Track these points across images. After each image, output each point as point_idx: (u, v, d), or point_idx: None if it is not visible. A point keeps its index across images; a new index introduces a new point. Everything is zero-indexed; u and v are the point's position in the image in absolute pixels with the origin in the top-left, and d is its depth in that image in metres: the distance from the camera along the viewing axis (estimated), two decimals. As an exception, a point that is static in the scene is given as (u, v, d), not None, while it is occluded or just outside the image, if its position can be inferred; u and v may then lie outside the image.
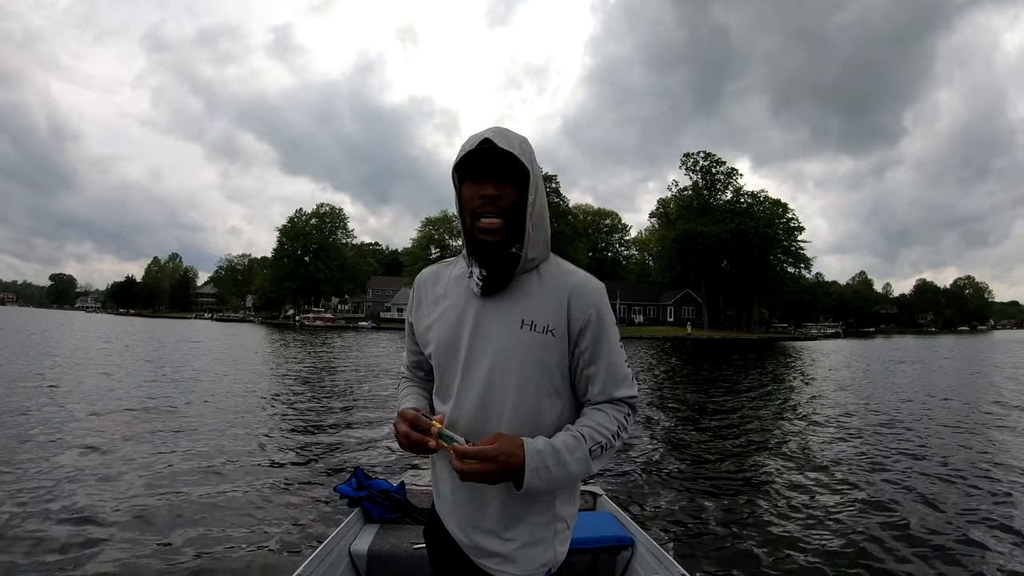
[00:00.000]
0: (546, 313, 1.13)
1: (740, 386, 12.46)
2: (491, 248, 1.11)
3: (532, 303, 1.14)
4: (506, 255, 1.12)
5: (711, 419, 8.09)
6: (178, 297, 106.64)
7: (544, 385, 1.13)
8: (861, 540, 3.64)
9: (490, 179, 1.10)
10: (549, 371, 1.13)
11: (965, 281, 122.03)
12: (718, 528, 3.82)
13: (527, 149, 1.12)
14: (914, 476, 5.21)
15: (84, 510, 3.76)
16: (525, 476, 1.04)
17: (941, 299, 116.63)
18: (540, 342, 1.12)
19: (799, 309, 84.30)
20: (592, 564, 2.22)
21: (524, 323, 1.12)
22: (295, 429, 6.60)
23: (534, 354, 1.12)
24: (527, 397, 1.12)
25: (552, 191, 59.29)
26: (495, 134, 1.10)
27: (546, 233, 1.17)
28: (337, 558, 2.14)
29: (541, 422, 1.13)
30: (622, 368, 1.16)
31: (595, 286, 1.16)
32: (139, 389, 9.23)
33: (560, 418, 1.15)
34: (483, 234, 1.10)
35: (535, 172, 1.12)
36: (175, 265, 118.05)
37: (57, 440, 5.56)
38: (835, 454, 6.03)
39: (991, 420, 8.34)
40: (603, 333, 1.14)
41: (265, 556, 3.14)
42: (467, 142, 1.12)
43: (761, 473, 5.27)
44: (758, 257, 57.36)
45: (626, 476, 4.96)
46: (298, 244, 71.40)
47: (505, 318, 1.13)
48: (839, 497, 4.53)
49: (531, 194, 1.11)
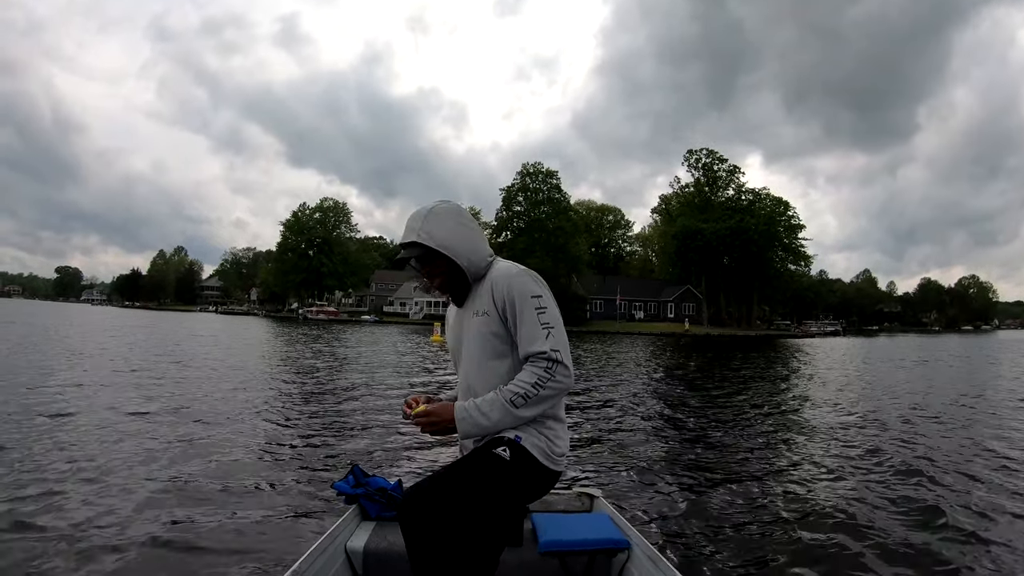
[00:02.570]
0: (483, 302, 1.61)
1: (738, 385, 12.45)
2: (453, 292, 1.71)
3: (480, 299, 1.63)
4: (457, 286, 1.67)
5: (710, 420, 8.11)
6: (183, 290, 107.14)
7: (489, 351, 1.61)
8: (863, 544, 3.58)
9: (418, 267, 1.68)
10: (491, 341, 1.60)
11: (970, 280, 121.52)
12: (715, 531, 3.79)
13: (429, 221, 1.60)
14: (921, 478, 5.05)
15: (71, 501, 3.75)
16: (456, 424, 1.55)
17: (945, 298, 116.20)
18: (482, 322, 1.61)
19: (802, 306, 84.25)
20: (588, 566, 2.20)
21: (476, 313, 1.63)
22: (291, 425, 6.56)
23: (481, 331, 1.61)
24: (483, 361, 1.62)
25: (553, 187, 59.22)
26: (407, 229, 1.62)
27: (476, 249, 1.64)
28: (333, 555, 2.15)
29: (494, 378, 1.60)
30: (535, 330, 1.53)
31: (510, 273, 1.59)
32: (136, 381, 9.33)
33: (509, 373, 1.59)
34: (439, 292, 1.71)
35: (440, 232, 1.59)
36: (180, 258, 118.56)
37: (52, 429, 5.63)
38: (836, 455, 5.94)
39: (985, 416, 8.36)
40: (516, 308, 1.55)
41: (260, 552, 3.13)
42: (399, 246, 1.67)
43: (760, 475, 5.21)
44: (758, 254, 57.38)
45: (623, 478, 4.92)
46: (302, 238, 71.70)
47: (468, 314, 1.67)
48: (840, 500, 4.47)
49: (443, 250, 1.59)
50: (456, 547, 1.45)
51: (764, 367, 18.38)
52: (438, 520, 1.44)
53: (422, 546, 1.46)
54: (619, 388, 11.30)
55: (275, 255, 76.12)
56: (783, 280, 62.18)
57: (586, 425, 7.06)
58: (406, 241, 1.62)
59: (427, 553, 1.45)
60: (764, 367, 18.38)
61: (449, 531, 1.44)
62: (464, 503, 1.47)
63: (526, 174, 59.71)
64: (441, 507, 1.44)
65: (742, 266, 57.95)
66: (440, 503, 1.45)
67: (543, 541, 2.13)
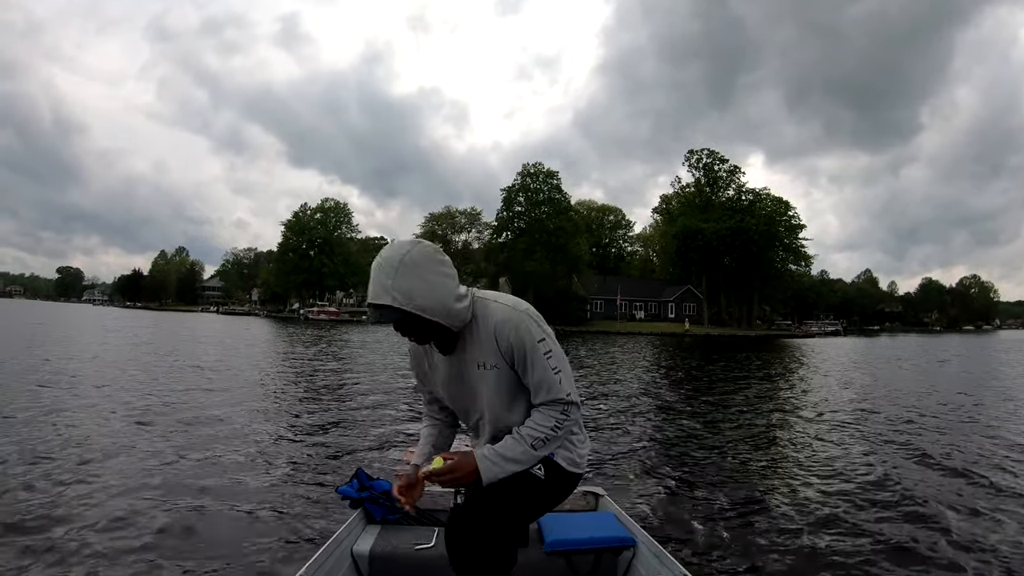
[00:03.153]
0: (486, 354, 1.52)
1: (739, 384, 12.47)
2: (437, 341, 1.56)
3: (477, 349, 1.53)
4: (439, 334, 1.50)
5: (711, 418, 8.11)
6: (184, 290, 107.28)
7: (515, 394, 1.57)
8: (868, 540, 3.58)
9: (392, 324, 1.45)
10: (512, 388, 1.56)
11: (971, 280, 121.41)
12: (720, 528, 3.77)
13: (403, 277, 1.36)
14: (925, 476, 5.06)
15: (71, 503, 3.76)
16: (481, 475, 1.49)
17: (946, 298, 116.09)
18: (496, 376, 1.55)
19: (804, 306, 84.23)
20: (594, 565, 2.21)
21: (479, 365, 1.55)
22: (294, 428, 6.54)
23: (500, 383, 1.55)
24: (512, 405, 1.59)
25: (554, 187, 59.29)
26: (376, 285, 1.38)
27: (458, 296, 1.46)
28: (339, 559, 2.15)
29: (525, 412, 1.57)
30: (548, 376, 1.51)
31: (509, 318, 1.49)
32: (138, 382, 9.38)
33: (524, 416, 1.57)
34: (418, 343, 1.60)
35: (418, 290, 1.37)
36: (181, 259, 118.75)
37: (54, 429, 5.69)
38: (841, 454, 5.90)
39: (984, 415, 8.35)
40: (527, 355, 1.50)
41: (266, 557, 3.12)
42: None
43: (763, 472, 5.21)
44: (758, 254, 57.45)
45: (628, 477, 4.94)
46: (303, 239, 71.85)
47: (470, 365, 1.56)
48: (844, 497, 4.47)
49: (424, 314, 1.39)
50: (494, 560, 1.53)
51: (763, 367, 18.42)
52: (484, 541, 1.50)
53: (467, 566, 1.53)
54: (620, 388, 11.31)
55: (276, 255, 76.29)
56: (783, 280, 62.23)
57: (588, 424, 7.08)
58: (377, 303, 1.39)
59: (470, 570, 1.53)
60: (763, 367, 18.42)
61: (492, 549, 1.51)
62: (506, 522, 1.54)
63: (526, 174, 59.81)
64: (486, 529, 1.51)
65: (742, 266, 58.00)
66: (484, 525, 1.51)
67: (549, 541, 2.14)
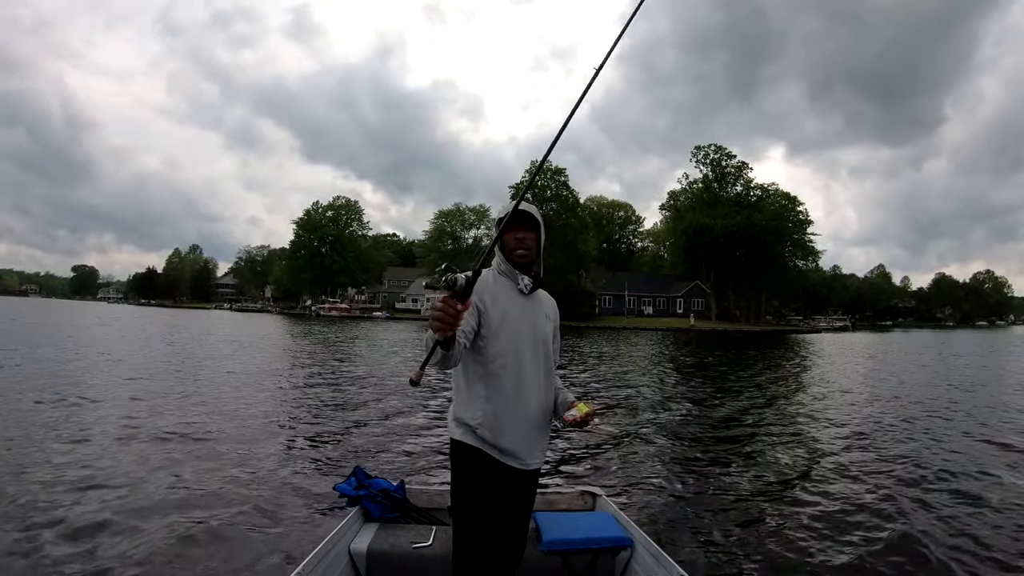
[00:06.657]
0: (551, 311, 1.95)
1: (738, 383, 12.27)
2: (523, 267, 1.85)
3: (547, 306, 1.95)
4: (530, 270, 1.87)
5: (710, 417, 8.06)
6: (198, 288, 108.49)
7: (551, 352, 1.93)
8: (864, 543, 3.60)
9: (525, 227, 1.84)
10: (551, 339, 1.93)
11: (985, 275, 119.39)
12: (717, 528, 3.79)
13: (540, 216, 1.88)
14: (925, 478, 5.13)
15: (71, 497, 3.85)
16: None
17: (960, 293, 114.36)
18: (551, 327, 1.94)
19: (814, 301, 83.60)
20: (591, 564, 2.22)
21: (546, 316, 1.91)
22: (294, 426, 6.52)
23: (550, 332, 1.92)
24: (548, 351, 1.91)
25: (561, 184, 59.12)
26: (525, 208, 1.80)
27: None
28: (337, 557, 2.16)
29: (553, 373, 1.94)
30: (559, 345, 2.01)
31: (553, 299, 2.02)
32: (144, 377, 9.54)
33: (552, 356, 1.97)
34: (519, 258, 1.84)
35: (542, 227, 1.89)
36: (195, 256, 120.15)
37: (53, 428, 5.86)
38: (839, 455, 5.97)
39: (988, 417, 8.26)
40: (557, 327, 1.98)
41: (264, 554, 3.13)
42: (509, 208, 1.72)
43: (761, 473, 5.27)
44: (766, 250, 57.18)
45: (625, 477, 4.94)
46: (314, 236, 72.59)
47: (540, 313, 1.89)
48: (842, 498, 4.50)
49: (542, 238, 1.89)
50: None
51: (768, 362, 18.24)
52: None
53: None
54: (620, 386, 11.29)
55: (288, 253, 77.06)
56: (791, 275, 61.88)
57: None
58: (531, 211, 1.82)
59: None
60: (768, 362, 18.24)
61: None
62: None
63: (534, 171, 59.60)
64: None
65: (750, 261, 57.81)
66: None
67: (546, 540, 2.19)
